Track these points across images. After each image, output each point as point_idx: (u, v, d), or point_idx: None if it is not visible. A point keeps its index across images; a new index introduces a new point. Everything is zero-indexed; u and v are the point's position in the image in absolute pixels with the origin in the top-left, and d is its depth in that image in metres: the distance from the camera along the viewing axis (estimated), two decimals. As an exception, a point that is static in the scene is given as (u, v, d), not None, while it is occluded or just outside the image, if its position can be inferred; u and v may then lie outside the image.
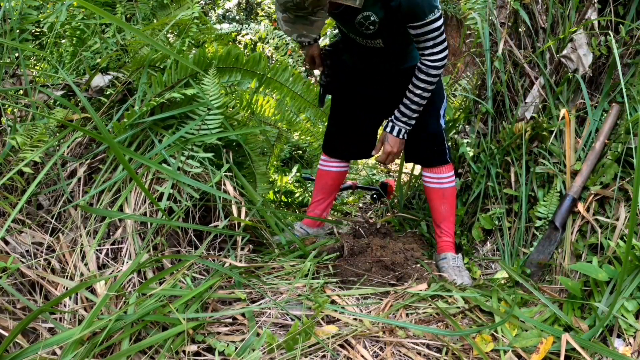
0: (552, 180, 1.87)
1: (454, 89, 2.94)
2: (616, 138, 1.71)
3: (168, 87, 1.75)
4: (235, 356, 1.21)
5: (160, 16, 2.15)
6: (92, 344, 1.14)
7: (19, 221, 1.50)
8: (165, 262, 1.53)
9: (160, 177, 1.66)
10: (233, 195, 1.70)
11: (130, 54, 1.91)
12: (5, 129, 1.63)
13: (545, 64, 2.01)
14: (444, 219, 1.95)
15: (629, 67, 1.84)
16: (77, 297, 1.38)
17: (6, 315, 1.25)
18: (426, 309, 1.49)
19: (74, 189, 1.63)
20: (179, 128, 1.73)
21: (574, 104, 1.92)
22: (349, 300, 1.54)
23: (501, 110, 2.18)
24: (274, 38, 5.06)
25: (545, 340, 1.24)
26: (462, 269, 1.83)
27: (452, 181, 1.96)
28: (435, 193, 1.95)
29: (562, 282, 1.47)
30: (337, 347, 1.26)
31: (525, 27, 2.14)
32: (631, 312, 1.31)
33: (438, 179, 1.94)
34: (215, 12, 6.43)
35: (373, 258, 1.77)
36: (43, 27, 1.93)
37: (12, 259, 1.34)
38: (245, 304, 1.43)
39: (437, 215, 1.97)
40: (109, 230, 1.57)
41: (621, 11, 1.90)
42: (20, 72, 1.71)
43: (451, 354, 1.28)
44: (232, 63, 1.92)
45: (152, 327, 1.27)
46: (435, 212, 1.98)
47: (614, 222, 1.58)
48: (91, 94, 1.79)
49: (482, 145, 2.14)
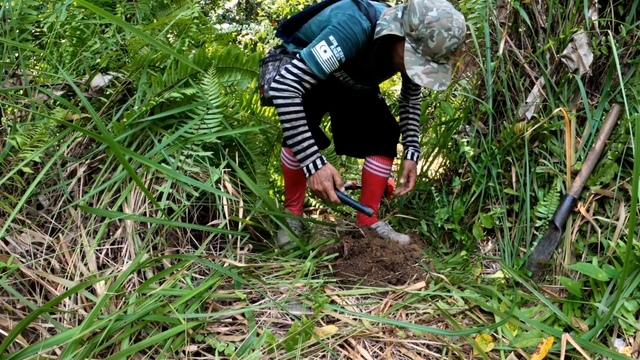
0: (552, 180, 1.87)
1: (454, 88, 2.94)
2: (616, 138, 1.71)
3: (168, 87, 1.75)
4: (235, 356, 1.21)
5: (160, 16, 2.15)
6: (92, 344, 1.14)
7: (19, 221, 1.50)
8: (165, 262, 1.53)
9: (160, 177, 1.66)
10: (232, 193, 1.70)
11: (130, 54, 1.91)
12: (5, 129, 1.63)
13: (545, 64, 2.01)
14: (376, 201, 2.24)
15: (629, 67, 1.84)
16: (77, 297, 1.38)
17: (6, 315, 1.25)
18: (426, 309, 1.49)
19: (74, 189, 1.63)
20: (178, 128, 1.73)
21: (575, 104, 1.92)
22: (349, 300, 1.53)
23: (501, 110, 2.18)
24: (274, 38, 5.06)
25: (545, 341, 1.24)
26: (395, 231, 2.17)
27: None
28: (381, 181, 2.20)
29: (562, 282, 1.47)
30: (337, 347, 1.26)
31: (526, 27, 2.14)
32: (631, 312, 1.31)
33: (388, 170, 2.19)
34: (215, 12, 6.43)
35: (373, 258, 1.77)
36: (43, 27, 1.93)
37: (12, 259, 1.34)
38: (245, 304, 1.43)
39: (372, 198, 2.22)
40: (109, 230, 1.57)
41: (621, 11, 1.90)
42: (20, 72, 1.71)
43: (451, 354, 1.28)
44: (232, 63, 1.93)
45: (152, 327, 1.27)
46: (372, 195, 2.22)
47: (614, 222, 1.58)
48: (91, 94, 1.79)
49: (483, 145, 2.14)
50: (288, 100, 1.68)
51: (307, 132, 1.71)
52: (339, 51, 1.67)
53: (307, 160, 1.73)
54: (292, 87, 1.69)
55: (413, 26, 1.61)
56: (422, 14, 1.59)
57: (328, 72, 1.71)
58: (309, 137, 1.72)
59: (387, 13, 1.74)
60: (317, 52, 1.67)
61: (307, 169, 1.75)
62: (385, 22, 1.70)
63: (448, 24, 1.57)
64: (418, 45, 1.63)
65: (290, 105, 1.68)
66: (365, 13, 1.72)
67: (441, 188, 2.41)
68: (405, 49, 1.65)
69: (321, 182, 1.73)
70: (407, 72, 1.64)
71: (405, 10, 1.69)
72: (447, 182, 2.43)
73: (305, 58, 1.69)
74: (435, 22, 1.57)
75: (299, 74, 1.70)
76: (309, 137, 1.72)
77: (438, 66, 1.65)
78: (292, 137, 1.71)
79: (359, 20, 1.69)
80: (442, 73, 1.65)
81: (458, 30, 1.59)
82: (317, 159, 1.74)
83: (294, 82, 1.69)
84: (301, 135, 1.71)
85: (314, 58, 1.67)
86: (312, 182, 1.76)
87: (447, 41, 1.59)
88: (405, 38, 1.66)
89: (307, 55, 1.69)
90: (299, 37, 1.94)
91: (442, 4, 1.61)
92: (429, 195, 2.49)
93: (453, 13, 1.59)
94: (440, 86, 1.65)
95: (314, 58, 1.67)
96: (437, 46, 1.59)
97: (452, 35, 1.58)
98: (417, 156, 2.16)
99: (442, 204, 2.29)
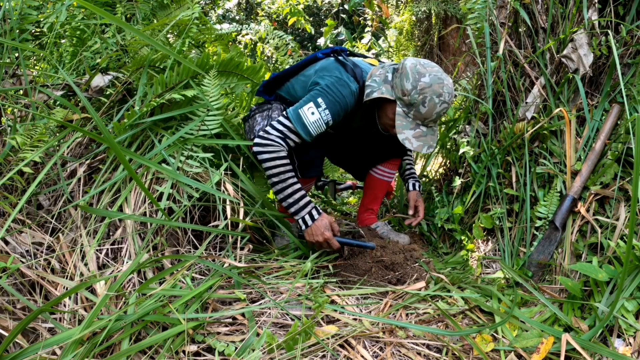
0: (552, 180, 1.87)
1: (454, 88, 2.94)
2: (616, 138, 1.71)
3: (168, 87, 1.75)
4: (235, 356, 1.21)
5: (160, 16, 2.15)
6: (92, 344, 1.14)
7: (19, 221, 1.50)
8: (165, 262, 1.53)
9: (160, 177, 1.66)
10: (233, 194, 1.70)
11: (130, 54, 1.91)
12: (5, 129, 1.63)
13: (545, 64, 2.01)
14: (377, 203, 2.25)
15: (629, 67, 1.84)
16: (77, 297, 1.38)
17: (6, 315, 1.25)
18: (426, 309, 1.49)
19: (74, 189, 1.63)
20: (178, 128, 1.73)
21: (575, 104, 1.92)
22: (349, 300, 1.53)
23: (501, 110, 2.18)
24: (274, 38, 5.06)
25: (545, 341, 1.24)
26: (395, 231, 2.16)
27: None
28: (385, 185, 2.21)
29: (562, 282, 1.47)
30: (337, 347, 1.26)
31: (526, 27, 2.14)
32: (631, 312, 1.31)
33: (393, 174, 2.22)
34: (215, 12, 6.43)
35: (373, 258, 1.77)
36: (43, 27, 1.93)
37: (12, 259, 1.34)
38: (245, 304, 1.43)
39: (374, 200, 2.23)
40: (109, 230, 1.57)
41: (621, 11, 1.90)
42: (20, 72, 1.71)
43: (451, 354, 1.28)
44: (233, 69, 1.94)
45: (152, 327, 1.27)
46: (374, 198, 2.23)
47: (614, 222, 1.58)
48: (91, 94, 1.79)
49: (483, 145, 2.14)
50: (273, 155, 1.63)
51: (297, 184, 1.65)
52: (327, 114, 1.64)
53: (301, 212, 1.67)
54: (276, 142, 1.64)
55: (405, 91, 1.61)
56: (415, 79, 1.59)
57: (314, 135, 1.67)
58: (299, 188, 1.65)
59: (375, 74, 1.73)
60: (305, 114, 1.64)
61: (303, 220, 1.67)
62: (375, 84, 1.69)
63: (439, 90, 1.59)
64: (409, 110, 1.64)
65: (275, 159, 1.63)
66: (352, 74, 1.71)
67: (441, 188, 2.41)
68: (397, 113, 1.66)
69: (322, 233, 1.67)
70: (398, 135, 1.65)
71: (396, 73, 1.69)
72: (447, 182, 2.43)
73: (291, 117, 1.65)
74: (427, 88, 1.58)
75: (284, 132, 1.65)
76: (300, 188, 1.66)
77: (427, 129, 1.67)
78: (282, 190, 1.65)
79: (347, 82, 1.68)
80: (430, 136, 1.67)
81: (448, 95, 1.61)
82: (313, 209, 1.67)
83: (278, 137, 1.65)
84: (291, 188, 1.65)
85: (301, 119, 1.64)
86: (311, 234, 1.68)
87: (438, 107, 1.61)
88: (397, 102, 1.66)
89: (294, 115, 1.65)
90: (282, 95, 1.92)
91: (434, 68, 1.63)
92: (429, 195, 2.49)
93: (444, 78, 1.61)
94: (428, 149, 1.67)
95: (301, 119, 1.64)
96: (428, 112, 1.61)
97: (442, 101, 1.60)
98: (419, 186, 2.19)
99: (442, 204, 2.29)
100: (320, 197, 2.99)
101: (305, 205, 1.67)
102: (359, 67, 1.77)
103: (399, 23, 5.14)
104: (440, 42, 4.98)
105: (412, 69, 1.62)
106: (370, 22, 5.91)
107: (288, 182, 1.64)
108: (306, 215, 1.67)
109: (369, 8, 5.63)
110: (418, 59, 1.67)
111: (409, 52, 5.11)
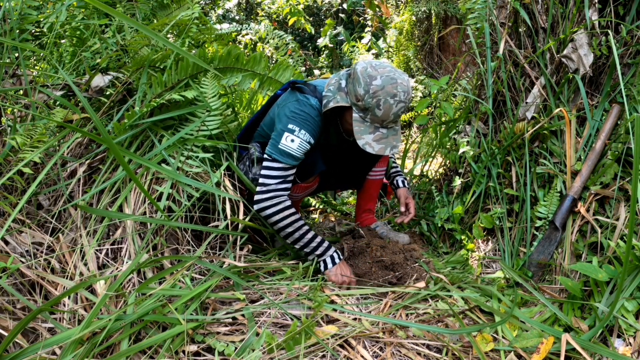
0: (552, 180, 1.87)
1: (454, 88, 2.94)
2: (616, 138, 1.71)
3: (168, 87, 1.75)
4: (235, 356, 1.21)
5: (161, 16, 2.15)
6: (91, 344, 1.14)
7: (19, 221, 1.50)
8: (164, 262, 1.53)
9: (160, 177, 1.66)
10: (233, 194, 1.70)
11: (130, 54, 1.91)
12: (5, 129, 1.63)
13: (545, 64, 2.01)
14: (373, 201, 2.25)
15: (629, 67, 1.84)
16: (76, 297, 1.38)
17: (6, 315, 1.25)
18: (426, 309, 1.49)
19: (74, 189, 1.63)
20: (178, 129, 1.73)
21: (575, 104, 1.91)
22: (349, 300, 1.53)
23: (501, 110, 2.18)
24: (274, 38, 5.06)
25: (545, 341, 1.24)
26: (394, 231, 2.15)
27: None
28: (378, 183, 2.20)
29: (562, 282, 1.47)
30: (337, 347, 1.26)
31: (526, 27, 2.14)
32: (631, 312, 1.31)
33: (384, 171, 2.19)
34: (215, 12, 6.43)
35: (373, 258, 1.77)
36: (43, 27, 1.93)
37: (12, 259, 1.34)
38: (244, 304, 1.43)
39: (370, 200, 2.23)
40: (109, 230, 1.57)
41: (621, 11, 1.90)
42: (20, 72, 1.71)
43: (451, 354, 1.28)
44: (233, 63, 1.92)
45: (152, 327, 1.27)
46: (370, 198, 2.23)
47: (614, 222, 1.58)
48: (91, 94, 1.79)
49: (483, 145, 2.14)
50: (279, 207, 1.64)
51: (310, 230, 1.69)
52: (304, 134, 1.65)
53: (324, 256, 1.71)
54: (277, 190, 1.65)
55: (359, 96, 1.60)
56: (366, 83, 1.58)
57: (302, 157, 1.68)
58: (314, 234, 1.70)
59: (330, 84, 1.73)
60: (285, 145, 1.64)
61: (324, 263, 1.71)
62: (331, 94, 1.69)
63: (393, 91, 1.57)
64: (366, 115, 1.63)
65: (282, 210, 1.64)
66: (308, 92, 1.72)
67: (441, 188, 2.41)
68: (354, 119, 1.65)
69: (348, 275, 1.70)
70: (358, 141, 1.64)
71: (349, 79, 1.68)
72: (447, 182, 2.42)
73: (276, 156, 1.65)
74: (380, 90, 1.57)
75: (280, 174, 1.66)
76: (315, 234, 1.70)
77: (387, 131, 1.66)
78: (299, 240, 1.68)
79: (306, 101, 1.69)
80: (392, 137, 1.66)
81: (404, 94, 1.59)
82: (334, 252, 1.72)
83: (278, 184, 1.65)
84: (307, 236, 1.68)
85: (285, 152, 1.64)
86: (335, 274, 1.70)
87: (394, 107, 1.59)
88: (353, 107, 1.66)
89: (277, 152, 1.65)
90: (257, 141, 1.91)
91: (385, 69, 1.61)
92: (429, 195, 2.49)
93: (397, 77, 1.59)
94: (391, 149, 1.66)
95: (285, 152, 1.64)
96: (384, 114, 1.60)
97: (398, 101, 1.58)
98: (407, 182, 2.19)
99: (442, 204, 2.29)
100: (320, 197, 2.99)
101: (328, 248, 1.72)
102: (312, 84, 1.78)
103: (399, 23, 5.14)
104: (440, 42, 4.98)
105: (363, 72, 1.60)
106: (370, 22, 5.90)
107: (302, 229, 1.67)
108: (327, 258, 1.72)
109: (369, 8, 5.62)
110: (370, 61, 1.65)
111: (409, 52, 5.10)
